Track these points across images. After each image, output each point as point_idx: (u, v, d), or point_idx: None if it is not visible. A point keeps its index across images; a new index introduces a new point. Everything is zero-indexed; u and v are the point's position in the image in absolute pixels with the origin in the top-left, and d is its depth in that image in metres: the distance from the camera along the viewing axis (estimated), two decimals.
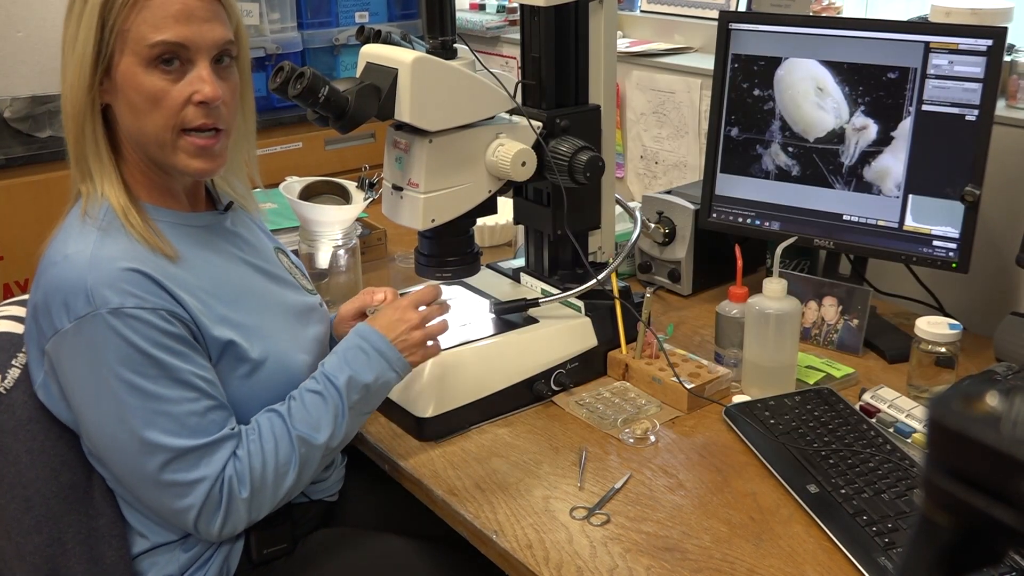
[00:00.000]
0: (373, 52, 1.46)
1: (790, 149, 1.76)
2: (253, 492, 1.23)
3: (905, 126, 1.63)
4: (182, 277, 1.23)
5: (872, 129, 1.66)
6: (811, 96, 1.72)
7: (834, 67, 1.69)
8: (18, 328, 1.34)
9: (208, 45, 1.23)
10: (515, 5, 2.81)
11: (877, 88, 1.65)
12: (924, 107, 1.61)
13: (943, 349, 1.49)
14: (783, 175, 1.77)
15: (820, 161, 1.73)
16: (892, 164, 1.66)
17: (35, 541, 1.24)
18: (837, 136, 1.70)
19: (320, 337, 1.44)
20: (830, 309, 1.70)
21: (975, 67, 1.56)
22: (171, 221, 1.29)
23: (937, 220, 1.63)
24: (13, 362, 1.30)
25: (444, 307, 1.44)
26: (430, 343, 1.39)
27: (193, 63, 1.23)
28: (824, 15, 2.13)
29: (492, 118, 1.51)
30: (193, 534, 1.26)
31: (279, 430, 1.25)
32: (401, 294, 1.49)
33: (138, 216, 1.24)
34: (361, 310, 1.50)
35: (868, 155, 1.68)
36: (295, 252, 1.70)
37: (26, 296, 1.41)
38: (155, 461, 1.18)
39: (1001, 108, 1.72)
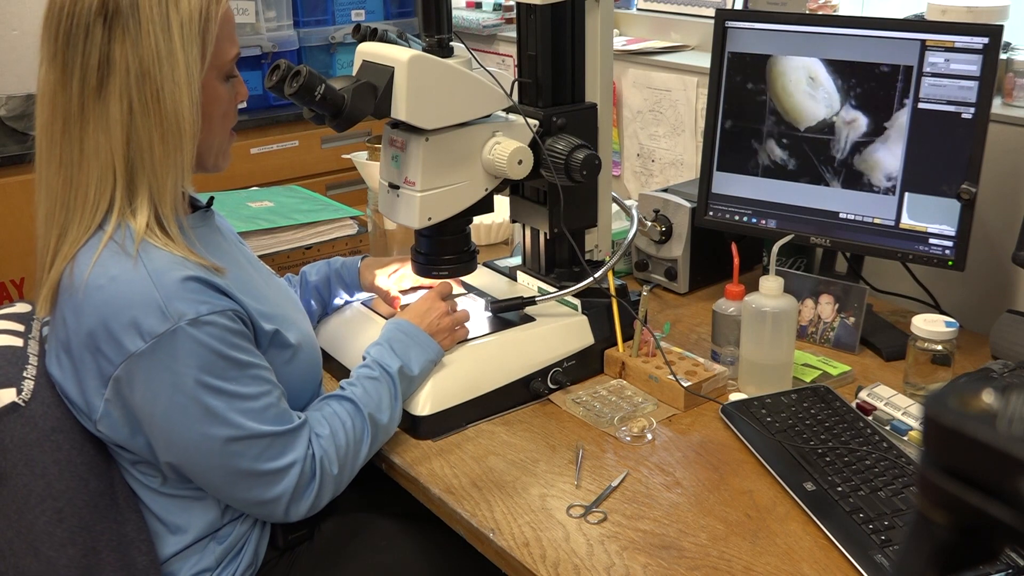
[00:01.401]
0: (369, 50, 1.46)
1: (784, 141, 1.76)
2: (341, 469, 1.30)
3: (901, 124, 1.64)
4: (225, 279, 1.24)
5: (862, 121, 1.66)
6: (803, 85, 1.72)
7: (829, 63, 1.69)
8: (18, 342, 1.32)
9: None
10: (511, 3, 2.81)
11: (873, 86, 1.65)
12: (920, 105, 1.61)
13: (939, 347, 1.49)
14: (779, 172, 1.77)
15: (814, 157, 1.73)
16: (888, 162, 1.66)
17: (69, 553, 1.20)
18: (828, 127, 1.70)
19: (305, 312, 1.53)
20: (826, 307, 1.70)
21: (971, 65, 1.56)
22: (188, 225, 1.28)
23: (933, 218, 1.63)
24: (24, 375, 1.27)
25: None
26: (457, 328, 1.52)
27: (236, 70, 1.31)
28: (820, 13, 2.13)
29: (488, 116, 1.51)
30: (276, 519, 1.30)
31: (351, 410, 1.34)
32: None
33: (183, 234, 1.24)
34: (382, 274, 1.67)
35: (863, 151, 1.68)
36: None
37: (18, 309, 1.39)
38: (248, 455, 1.22)
39: (997, 106, 1.72)
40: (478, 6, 2.92)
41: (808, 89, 1.71)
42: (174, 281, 1.17)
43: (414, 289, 1.67)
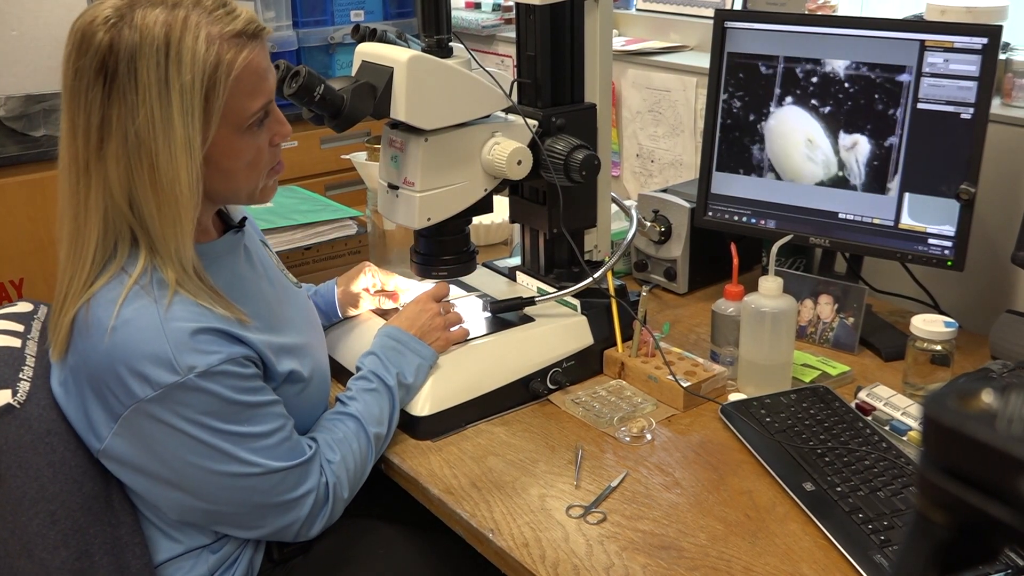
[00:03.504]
0: (368, 51, 1.46)
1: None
2: (351, 491, 1.33)
3: (900, 124, 1.64)
4: (243, 324, 1.23)
5: (861, 122, 1.66)
6: (801, 147, 1.73)
7: (832, 113, 1.69)
8: (15, 342, 1.31)
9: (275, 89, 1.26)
10: (511, 3, 2.81)
11: (872, 86, 1.65)
12: (919, 105, 1.61)
13: (938, 347, 1.49)
14: (778, 172, 1.77)
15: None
16: (887, 162, 1.66)
17: (62, 556, 1.20)
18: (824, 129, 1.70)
19: (321, 327, 1.52)
20: (826, 307, 1.70)
21: (970, 65, 1.56)
22: (209, 256, 1.27)
23: (933, 218, 1.63)
24: (20, 376, 1.26)
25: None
26: (453, 328, 1.51)
27: (270, 111, 1.25)
28: (819, 14, 2.13)
29: (488, 117, 1.51)
30: (287, 541, 1.31)
31: (356, 430, 1.35)
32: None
33: (203, 282, 1.21)
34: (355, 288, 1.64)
35: (861, 152, 1.68)
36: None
37: (18, 308, 1.39)
38: (261, 489, 1.23)
39: (996, 106, 1.72)
40: (477, 6, 2.92)
41: (806, 151, 1.72)
42: (185, 333, 1.15)
43: (383, 292, 1.66)
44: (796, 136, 1.74)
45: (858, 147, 1.68)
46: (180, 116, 1.13)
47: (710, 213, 1.85)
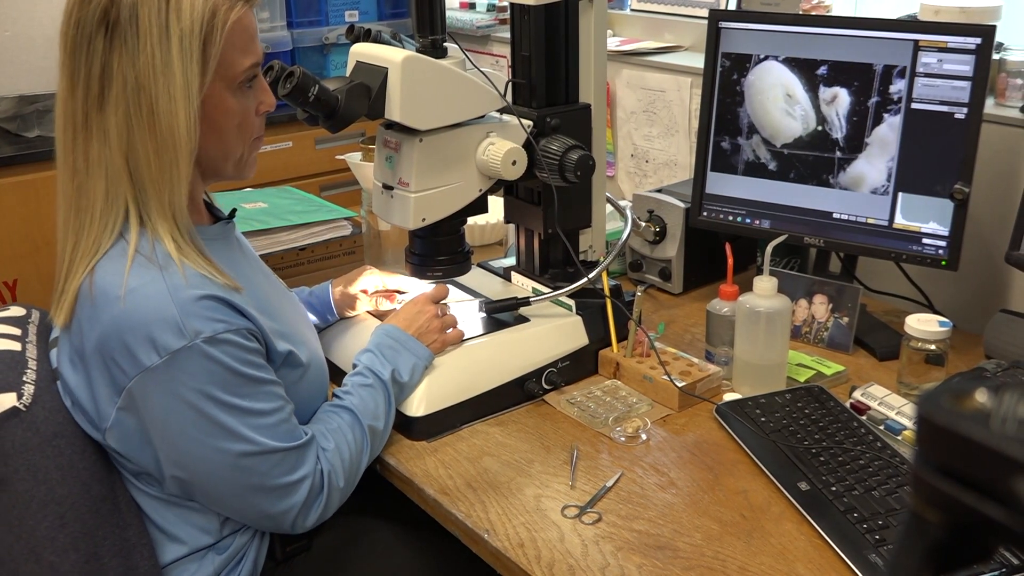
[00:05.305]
0: (363, 51, 1.46)
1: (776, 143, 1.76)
2: (347, 481, 1.32)
3: (895, 124, 1.64)
4: (243, 297, 1.24)
5: (855, 122, 1.67)
6: (780, 103, 1.73)
7: (810, 68, 1.69)
8: (15, 346, 1.31)
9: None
10: (505, 4, 2.81)
11: (866, 86, 1.65)
12: (913, 105, 1.62)
13: (933, 346, 1.49)
14: (773, 173, 1.77)
15: (807, 158, 1.73)
16: (881, 162, 1.66)
17: (72, 559, 1.20)
18: (820, 129, 1.70)
19: (313, 325, 1.53)
20: (820, 307, 1.70)
21: (964, 65, 1.56)
22: (204, 239, 1.27)
23: (927, 218, 1.63)
24: (24, 379, 1.26)
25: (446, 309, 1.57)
26: (449, 331, 1.51)
27: (257, 76, 1.28)
28: (814, 14, 2.14)
29: (482, 117, 1.51)
30: (282, 532, 1.32)
31: (351, 422, 1.35)
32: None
33: (197, 248, 1.22)
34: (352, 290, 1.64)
35: (856, 152, 1.68)
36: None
37: (12, 312, 1.38)
38: (259, 470, 1.23)
39: (990, 106, 1.73)
40: (472, 7, 2.92)
41: (785, 106, 1.72)
42: (191, 299, 1.17)
43: (385, 292, 1.66)
44: (775, 91, 1.74)
45: (838, 100, 1.68)
46: (179, 61, 1.17)
47: (705, 213, 1.85)
